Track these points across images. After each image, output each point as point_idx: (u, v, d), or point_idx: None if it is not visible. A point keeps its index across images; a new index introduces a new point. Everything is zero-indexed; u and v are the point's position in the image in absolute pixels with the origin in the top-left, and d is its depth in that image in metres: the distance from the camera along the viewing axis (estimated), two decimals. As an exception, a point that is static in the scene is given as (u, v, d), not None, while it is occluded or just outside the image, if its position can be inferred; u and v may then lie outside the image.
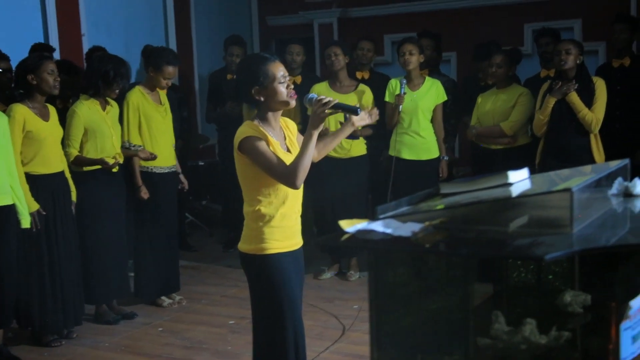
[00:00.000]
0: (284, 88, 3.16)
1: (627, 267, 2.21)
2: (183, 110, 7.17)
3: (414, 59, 5.83)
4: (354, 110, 3.29)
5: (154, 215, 5.52)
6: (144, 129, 5.43)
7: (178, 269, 5.81)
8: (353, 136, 5.91)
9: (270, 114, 3.21)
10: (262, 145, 3.08)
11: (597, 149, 5.50)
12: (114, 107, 5.32)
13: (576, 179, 2.18)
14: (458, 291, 1.91)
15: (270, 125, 3.21)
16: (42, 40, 7.06)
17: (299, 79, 6.64)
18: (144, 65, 6.44)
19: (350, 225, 1.97)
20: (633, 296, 2.10)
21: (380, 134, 6.12)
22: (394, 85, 5.95)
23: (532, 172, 5.48)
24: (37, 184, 4.73)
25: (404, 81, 5.84)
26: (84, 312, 5.20)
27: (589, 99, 5.43)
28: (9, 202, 4.47)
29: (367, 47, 6.87)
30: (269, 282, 3.18)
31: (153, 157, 5.39)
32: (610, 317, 2.21)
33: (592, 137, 5.49)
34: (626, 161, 2.45)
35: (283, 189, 3.16)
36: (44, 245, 4.80)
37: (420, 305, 1.93)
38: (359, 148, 6.05)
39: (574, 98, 5.42)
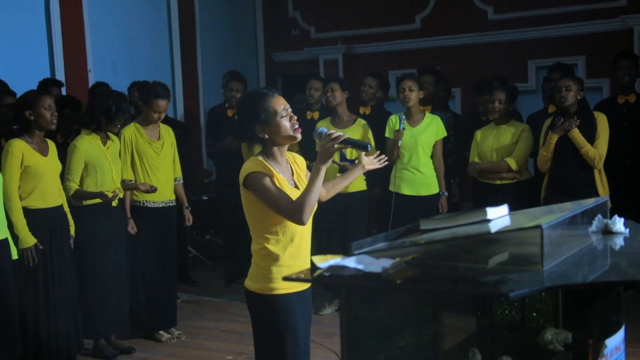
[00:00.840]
0: (287, 122, 3.10)
1: (603, 305, 2.19)
2: (184, 146, 7.20)
3: (414, 95, 5.86)
4: (363, 146, 3.23)
5: (146, 249, 5.53)
6: (136, 163, 5.50)
7: (175, 303, 5.81)
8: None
9: (275, 149, 3.14)
10: (267, 181, 3.01)
11: (602, 184, 5.50)
12: (114, 142, 5.37)
13: (551, 215, 2.17)
14: (427, 328, 1.89)
15: (276, 161, 3.14)
16: (48, 76, 7.15)
17: (316, 115, 6.66)
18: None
19: (323, 261, 1.96)
20: (610, 334, 2.09)
21: (377, 170, 6.10)
22: (394, 121, 5.97)
23: (537, 205, 5.49)
24: (35, 218, 4.74)
25: (403, 117, 5.86)
26: (82, 347, 5.18)
27: (591, 135, 5.45)
28: (3, 237, 4.49)
29: (369, 84, 6.92)
30: (274, 323, 3.08)
31: (153, 190, 5.42)
32: (587, 356, 2.19)
33: (596, 172, 5.50)
34: (605, 198, 2.44)
35: (291, 227, 3.09)
36: (40, 279, 4.79)
37: (390, 342, 1.91)
38: (358, 184, 6.05)
39: (576, 134, 5.42)
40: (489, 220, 2.28)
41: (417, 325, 1.88)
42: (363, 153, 3.39)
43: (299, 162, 3.33)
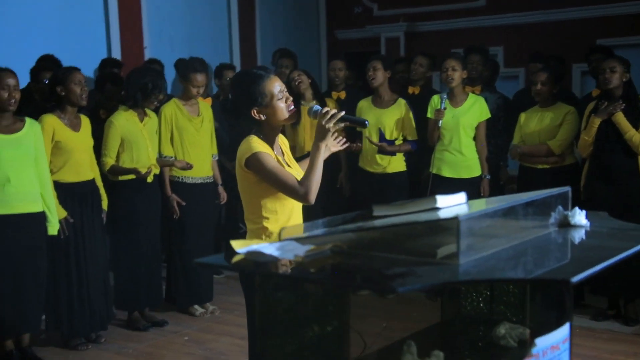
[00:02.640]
0: (283, 104, 3.09)
1: (544, 300, 2.09)
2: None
3: (457, 75, 5.70)
4: (360, 122, 3.20)
5: (184, 225, 5.60)
6: (176, 140, 5.55)
7: (212, 278, 5.88)
8: (390, 153, 5.85)
9: (270, 130, 3.13)
10: (272, 160, 3.00)
11: None
12: (152, 119, 5.45)
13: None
14: (333, 320, 1.84)
15: (270, 141, 3.13)
16: (105, 53, 7.31)
17: (342, 95, 6.61)
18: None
19: (242, 246, 1.94)
20: (545, 332, 1.98)
21: (423, 151, 6.01)
22: (436, 101, 5.83)
23: (577, 194, 5.28)
24: (66, 191, 4.88)
25: (445, 96, 5.72)
26: (112, 318, 5.34)
27: (636, 119, 5.19)
28: (39, 210, 4.64)
29: (420, 62, 6.81)
30: None
31: (189, 167, 5.48)
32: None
33: (639, 159, 5.23)
34: (566, 189, 2.32)
35: (288, 204, 3.08)
36: (71, 252, 4.94)
37: (300, 332, 1.87)
38: (397, 164, 5.95)
39: (620, 118, 5.18)
40: (438, 209, 2.20)
41: (325, 316, 1.84)
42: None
43: (285, 142, 3.31)
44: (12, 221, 4.50)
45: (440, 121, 5.71)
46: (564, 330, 2.01)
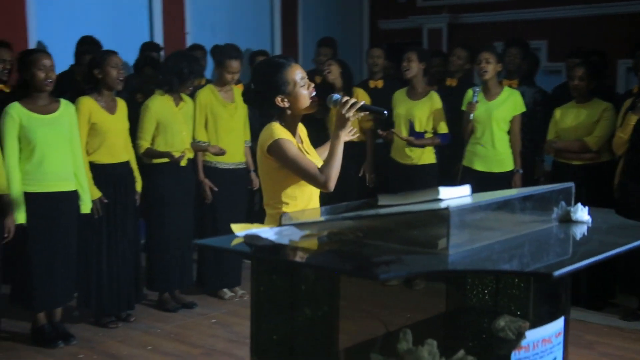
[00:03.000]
0: (305, 90, 3.13)
1: (539, 294, 2.10)
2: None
3: (490, 68, 5.66)
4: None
5: (215, 209, 5.69)
6: (210, 125, 5.63)
7: (241, 263, 5.96)
8: (418, 146, 5.84)
9: (292, 117, 3.17)
10: (293, 147, 3.05)
11: None
12: (187, 104, 5.53)
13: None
14: (325, 304, 1.88)
15: (291, 128, 3.17)
16: (147, 38, 7.43)
17: (380, 83, 6.61)
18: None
19: (241, 230, 1.98)
20: (537, 325, 2.00)
21: (457, 143, 5.98)
22: (470, 94, 5.80)
23: (611, 192, 5.21)
24: (101, 172, 4.99)
25: (477, 89, 5.69)
26: (143, 298, 5.46)
27: (674, 118, 5.11)
28: (72, 188, 4.77)
29: (458, 54, 6.78)
30: None
31: (222, 152, 5.56)
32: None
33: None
34: (569, 184, 2.31)
35: (307, 190, 3.12)
36: (104, 232, 5.06)
37: (293, 315, 1.91)
38: (427, 156, 5.94)
39: (656, 116, 5.11)
40: (439, 200, 2.22)
41: (316, 301, 1.87)
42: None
43: (304, 130, 3.34)
44: (48, 198, 4.64)
45: (472, 114, 5.68)
46: (557, 324, 2.02)
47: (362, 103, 3.05)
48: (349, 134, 3.19)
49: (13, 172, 4.53)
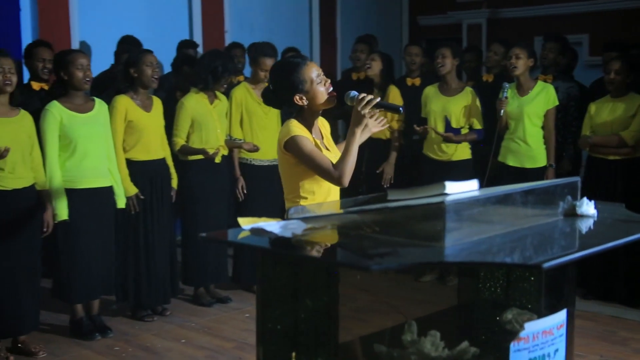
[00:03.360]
0: (322, 87, 3.19)
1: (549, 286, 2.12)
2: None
3: (520, 63, 5.63)
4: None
5: (251, 205, 5.76)
6: (245, 123, 5.72)
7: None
8: (456, 142, 5.83)
9: (310, 114, 3.23)
10: (309, 144, 3.12)
11: None
12: (222, 101, 5.63)
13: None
14: (324, 295, 1.92)
15: (310, 125, 3.24)
16: (187, 37, 7.55)
17: (417, 81, 6.61)
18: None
19: (248, 223, 2.04)
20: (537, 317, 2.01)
21: (493, 139, 5.95)
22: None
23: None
24: (137, 169, 5.11)
25: (507, 85, 5.66)
26: (179, 292, 5.57)
27: None
28: (108, 184, 4.90)
29: (495, 50, 6.75)
30: None
31: (256, 149, 5.63)
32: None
33: None
34: (575, 179, 2.32)
35: (325, 185, 3.19)
36: (140, 227, 5.18)
37: (294, 306, 1.96)
38: (462, 152, 5.93)
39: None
40: (446, 195, 2.25)
41: (316, 292, 1.92)
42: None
43: (326, 125, 3.40)
44: (87, 194, 4.78)
45: (502, 110, 5.65)
46: (559, 316, 2.04)
47: (377, 100, 3.09)
48: (377, 125, 3.23)
49: (54, 168, 4.67)
